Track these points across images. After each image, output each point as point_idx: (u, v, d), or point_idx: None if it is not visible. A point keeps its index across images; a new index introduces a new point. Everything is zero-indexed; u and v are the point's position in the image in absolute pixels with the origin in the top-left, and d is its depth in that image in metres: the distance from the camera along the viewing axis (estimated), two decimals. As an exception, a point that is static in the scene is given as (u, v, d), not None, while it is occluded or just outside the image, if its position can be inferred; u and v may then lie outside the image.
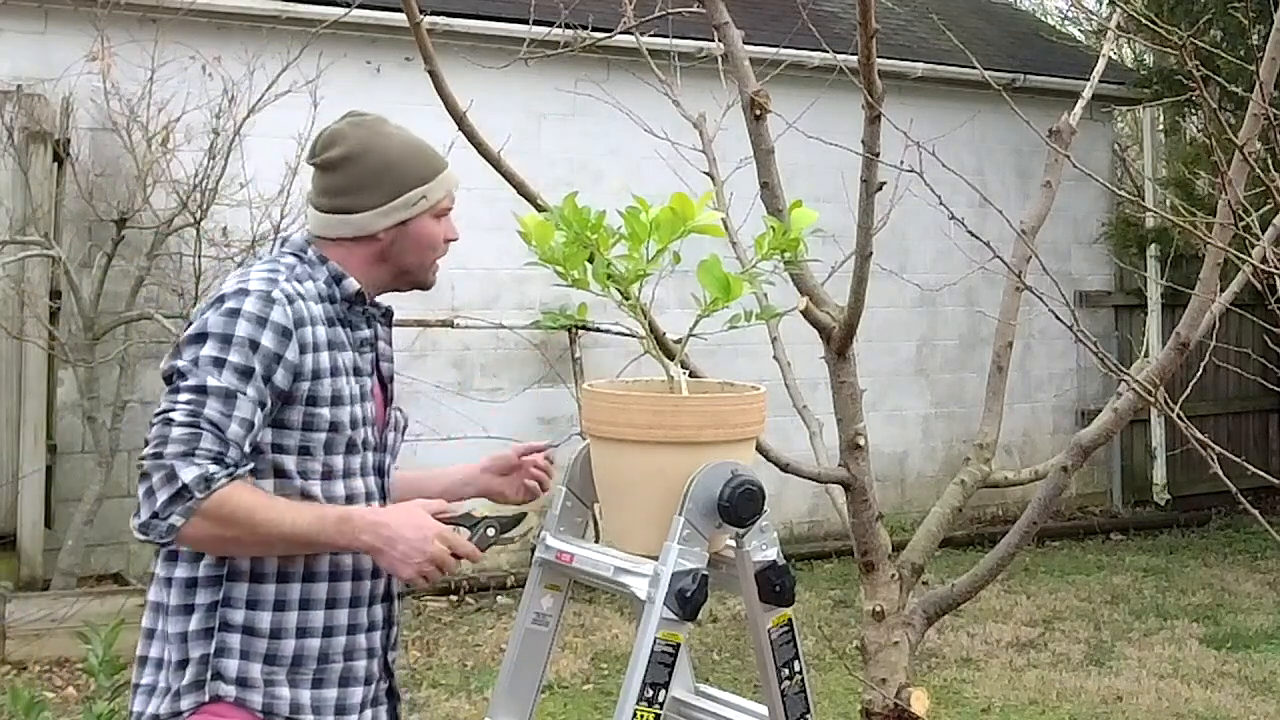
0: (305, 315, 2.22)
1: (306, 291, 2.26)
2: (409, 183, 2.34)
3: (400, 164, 2.34)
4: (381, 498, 2.34)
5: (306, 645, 2.22)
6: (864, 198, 3.24)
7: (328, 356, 2.24)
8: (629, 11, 4.46)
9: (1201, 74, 2.39)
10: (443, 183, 2.40)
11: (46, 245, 6.71)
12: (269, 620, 2.20)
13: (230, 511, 2.09)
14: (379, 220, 2.33)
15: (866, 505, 3.55)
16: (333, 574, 2.25)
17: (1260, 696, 6.02)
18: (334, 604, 2.25)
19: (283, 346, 2.18)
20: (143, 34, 6.98)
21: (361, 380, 2.32)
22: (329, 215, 2.33)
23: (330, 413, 2.23)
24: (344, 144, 2.32)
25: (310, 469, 2.22)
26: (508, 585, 7.77)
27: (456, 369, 8.21)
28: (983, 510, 9.80)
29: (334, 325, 2.29)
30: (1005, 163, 10.03)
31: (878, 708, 3.51)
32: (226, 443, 2.11)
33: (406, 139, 2.38)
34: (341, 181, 2.31)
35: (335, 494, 2.25)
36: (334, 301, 2.31)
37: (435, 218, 2.39)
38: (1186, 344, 3.04)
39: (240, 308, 2.17)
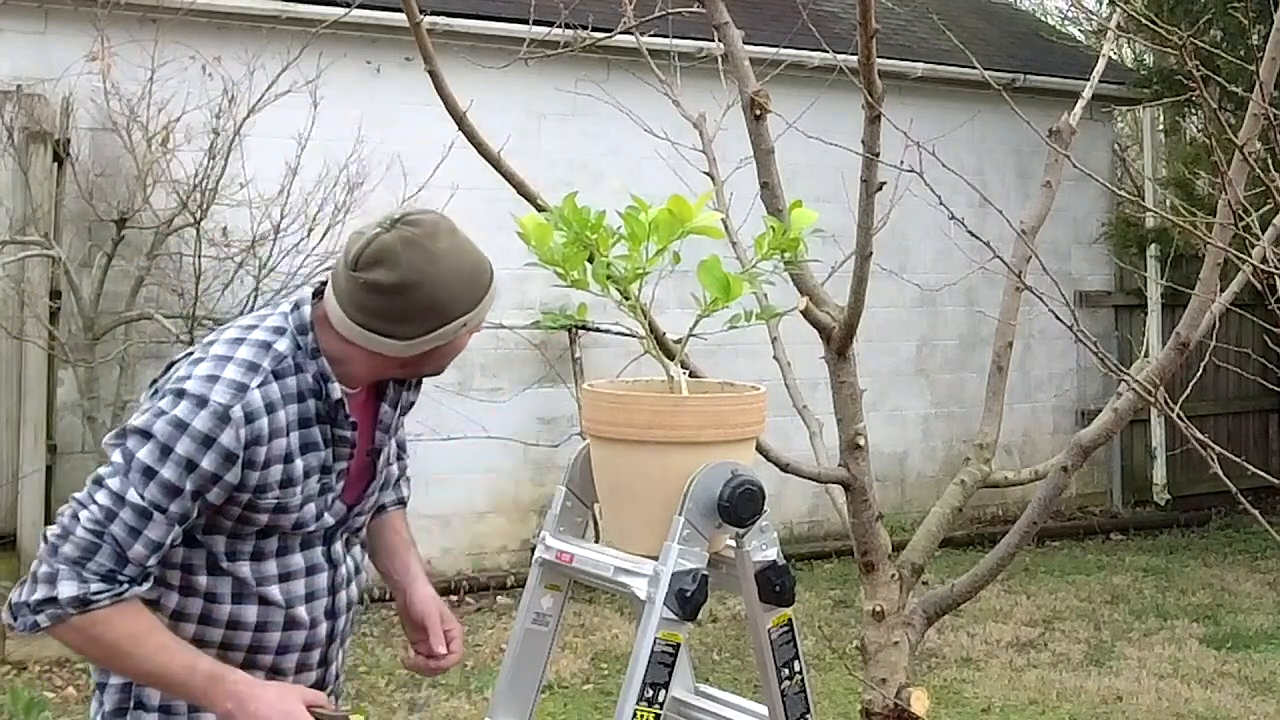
0: (264, 432, 2.09)
1: (285, 391, 2.12)
2: (454, 314, 2.16)
3: (450, 299, 2.14)
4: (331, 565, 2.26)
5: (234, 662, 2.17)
6: (864, 198, 3.24)
7: (281, 470, 2.12)
8: (629, 11, 4.46)
9: (1201, 74, 2.39)
10: (485, 307, 2.21)
11: (46, 245, 6.71)
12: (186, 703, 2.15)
13: (99, 635, 2.03)
14: (407, 349, 2.17)
15: (866, 505, 3.55)
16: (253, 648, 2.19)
17: (1260, 696, 6.02)
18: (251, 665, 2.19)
19: (224, 469, 2.06)
20: (143, 34, 6.98)
21: (326, 479, 2.20)
22: (359, 329, 2.14)
23: (269, 518, 2.14)
24: (395, 269, 2.09)
25: (239, 550, 2.15)
26: (508, 585, 7.77)
27: (456, 369, 8.15)
28: (983, 510, 9.80)
29: (310, 425, 2.15)
30: (1005, 163, 10.02)
31: (878, 708, 3.51)
32: (125, 561, 2.02)
33: (459, 263, 2.16)
34: (385, 308, 2.11)
35: (267, 573, 2.17)
36: (319, 398, 2.16)
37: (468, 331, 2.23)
38: (1186, 344, 3.04)
39: (189, 424, 2.04)
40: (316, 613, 2.24)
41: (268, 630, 2.19)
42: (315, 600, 2.24)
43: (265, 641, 2.20)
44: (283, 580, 2.19)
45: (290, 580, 2.20)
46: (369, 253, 2.10)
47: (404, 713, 5.77)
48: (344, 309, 2.14)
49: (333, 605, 2.27)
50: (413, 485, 2.62)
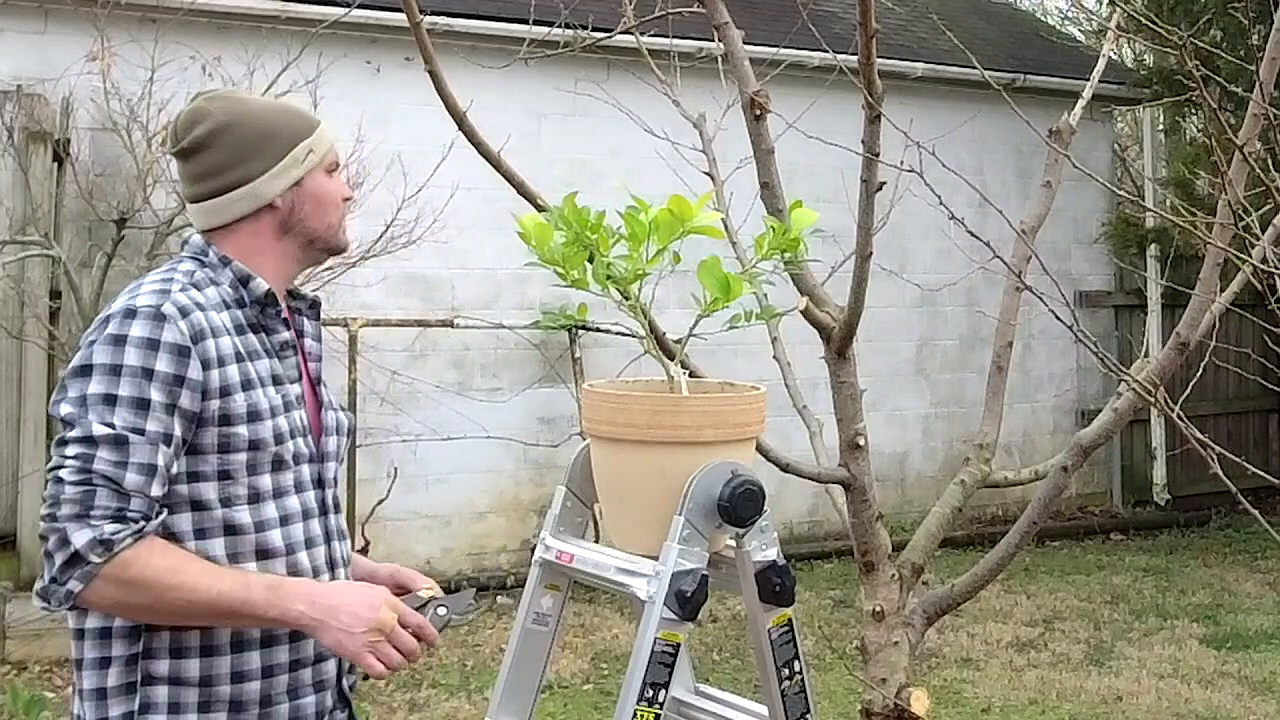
0: (204, 327, 2.02)
1: (207, 299, 2.06)
2: (293, 139, 2.16)
3: (278, 123, 2.17)
4: (322, 512, 2.17)
5: (245, 690, 2.03)
6: (864, 198, 3.24)
7: (236, 370, 2.03)
8: (629, 11, 4.46)
9: (1201, 74, 2.39)
10: (323, 136, 2.22)
11: (46, 245, 6.71)
12: (197, 668, 2.01)
13: (135, 576, 1.90)
14: (273, 184, 2.14)
15: (866, 505, 3.55)
16: None
17: (1260, 696, 6.02)
18: (271, 641, 2.06)
19: (182, 366, 1.97)
20: (143, 34, 6.98)
21: (284, 389, 2.11)
22: (216, 199, 2.13)
23: (248, 430, 2.02)
24: (209, 119, 2.13)
25: (234, 494, 2.02)
26: (508, 585, 7.77)
27: (456, 369, 8.21)
28: (983, 510, 9.80)
29: (245, 332, 2.10)
30: (1005, 163, 10.03)
31: (878, 708, 3.51)
32: (126, 495, 1.91)
33: (270, 102, 2.26)
34: (220, 156, 2.12)
35: (266, 517, 2.05)
36: (243, 305, 2.12)
37: (328, 173, 2.21)
38: (1186, 344, 3.04)
39: (127, 333, 1.96)
40: (318, 561, 2.14)
41: None
42: (314, 548, 2.14)
43: None
44: (283, 524, 2.08)
45: (289, 524, 2.09)
46: (181, 123, 2.16)
47: (404, 713, 5.77)
48: (195, 197, 2.16)
49: (330, 556, 2.17)
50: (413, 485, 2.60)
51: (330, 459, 2.22)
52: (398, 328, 7.87)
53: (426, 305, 8.08)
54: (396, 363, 7.88)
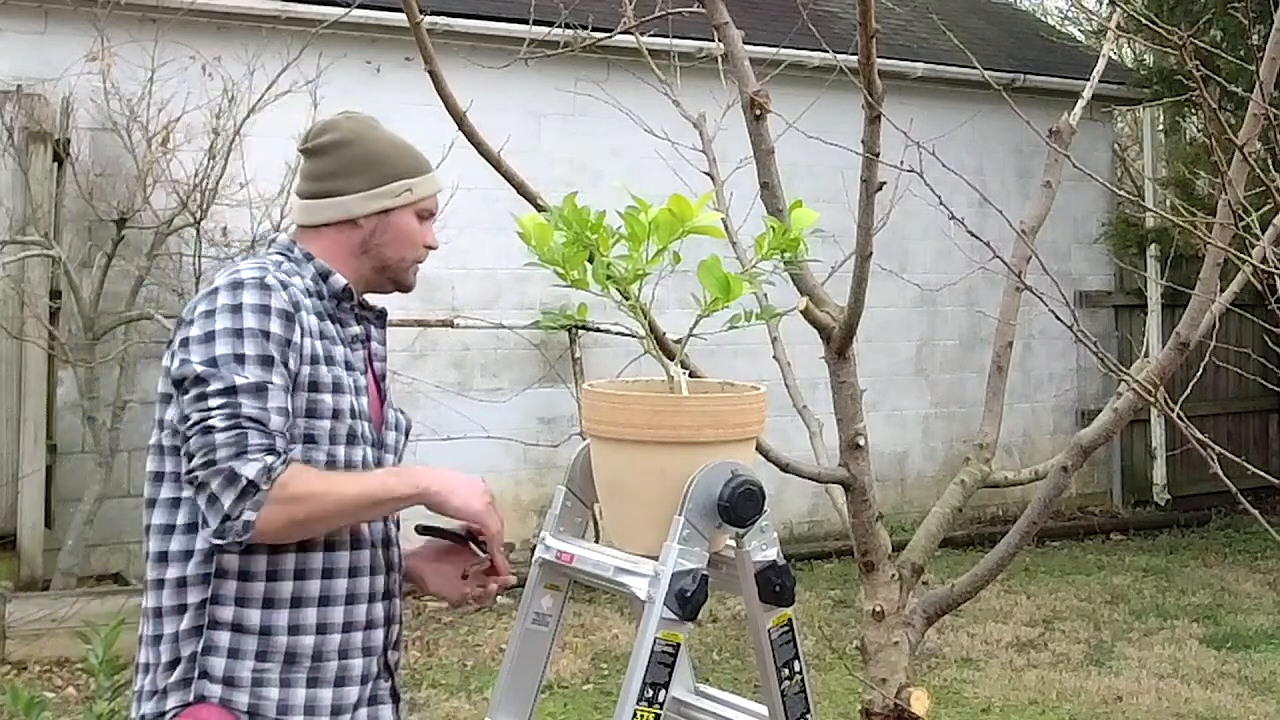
0: (298, 299, 2.23)
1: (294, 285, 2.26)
2: (396, 173, 2.35)
3: (389, 155, 2.36)
4: None
5: (300, 643, 2.19)
6: (864, 198, 3.24)
7: (321, 345, 2.24)
8: (629, 11, 4.46)
9: (1201, 74, 2.39)
10: (428, 182, 2.40)
11: (46, 245, 6.71)
12: (258, 617, 2.16)
13: (294, 492, 2.09)
14: (362, 205, 2.33)
15: (866, 505, 3.54)
16: (326, 571, 2.22)
17: (1260, 696, 6.02)
18: (327, 601, 2.22)
19: (289, 330, 2.18)
20: (143, 34, 6.98)
21: (354, 375, 2.29)
22: (313, 200, 2.35)
23: (332, 399, 2.22)
24: (336, 131, 2.36)
25: (315, 459, 2.19)
26: (508, 585, 7.76)
27: (456, 369, 8.21)
28: (983, 510, 9.80)
29: (323, 320, 2.28)
30: (1005, 163, 10.03)
31: (878, 708, 3.51)
32: (271, 435, 2.10)
33: (397, 137, 2.41)
34: (330, 165, 2.34)
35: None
36: (321, 298, 2.30)
37: (417, 216, 2.39)
38: (1186, 344, 3.04)
39: (241, 301, 2.16)
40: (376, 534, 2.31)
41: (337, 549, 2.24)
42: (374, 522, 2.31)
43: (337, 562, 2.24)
44: None
45: None
46: (315, 128, 2.41)
47: (404, 712, 5.76)
48: (300, 193, 2.38)
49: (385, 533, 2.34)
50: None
51: (389, 451, 2.38)
52: (397, 328, 7.85)
53: (426, 305, 8.08)
54: (396, 363, 7.82)
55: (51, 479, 7.03)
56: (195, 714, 2.14)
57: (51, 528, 6.94)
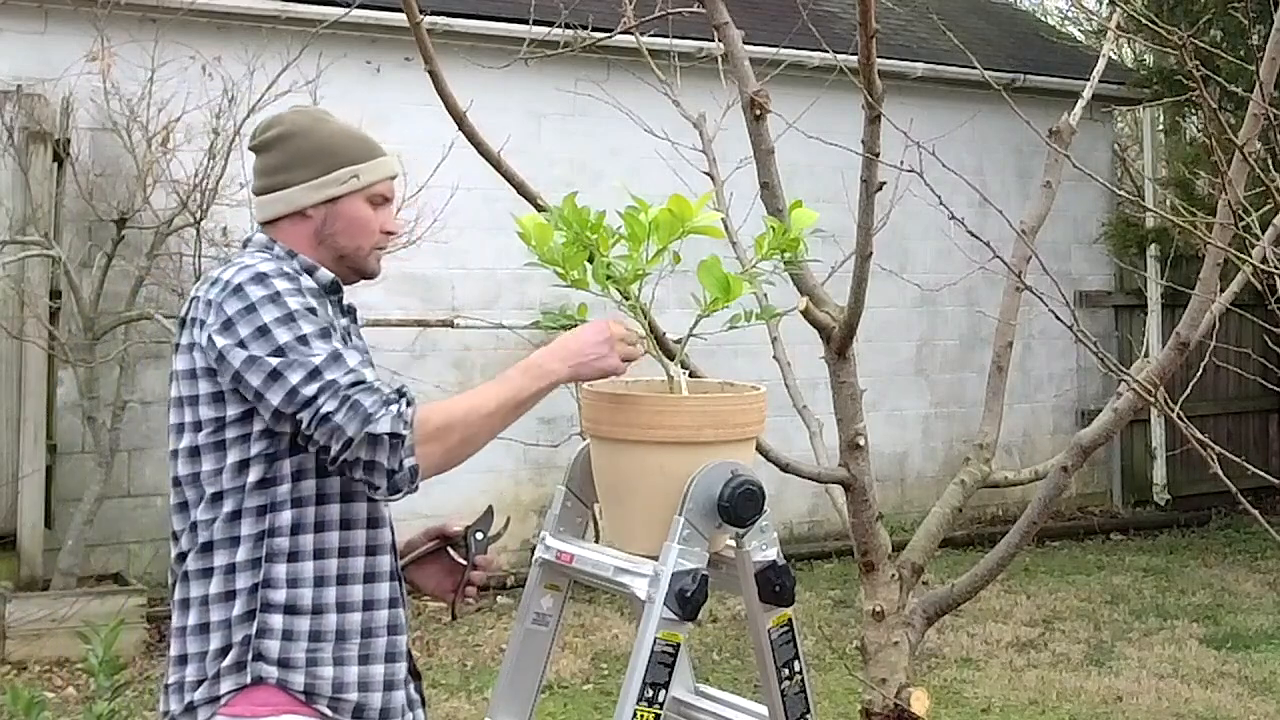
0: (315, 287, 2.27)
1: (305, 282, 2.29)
2: (341, 161, 2.35)
3: (334, 143, 2.36)
4: None
5: (349, 620, 2.21)
6: (864, 198, 3.24)
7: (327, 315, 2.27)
8: (629, 11, 4.46)
9: (1201, 74, 2.39)
10: (377, 167, 2.40)
11: (46, 245, 6.71)
12: (310, 597, 2.18)
13: (438, 425, 2.14)
14: (308, 195, 2.32)
15: (866, 505, 3.55)
16: (370, 548, 2.25)
17: (1260, 696, 6.02)
18: (372, 578, 2.24)
19: (324, 306, 2.24)
20: (143, 34, 6.98)
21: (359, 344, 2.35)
22: (264, 196, 2.35)
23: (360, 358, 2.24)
24: (281, 125, 2.36)
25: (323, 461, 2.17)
26: (508, 585, 7.76)
27: (456, 369, 8.21)
28: (983, 510, 9.80)
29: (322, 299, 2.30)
30: (1005, 163, 10.03)
31: (878, 708, 3.51)
32: (374, 388, 2.11)
33: (346, 127, 2.42)
34: (276, 159, 2.34)
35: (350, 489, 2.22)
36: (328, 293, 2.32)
37: (369, 202, 2.38)
38: (1186, 344, 3.04)
39: (277, 290, 2.17)
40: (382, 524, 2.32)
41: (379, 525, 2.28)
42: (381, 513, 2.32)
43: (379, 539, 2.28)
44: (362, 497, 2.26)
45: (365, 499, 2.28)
46: (261, 126, 2.40)
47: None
48: (255, 190, 2.38)
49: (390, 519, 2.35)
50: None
51: None
52: (397, 328, 7.87)
53: (426, 305, 8.07)
54: (396, 363, 7.87)
55: (51, 479, 7.03)
56: (252, 696, 2.15)
57: (51, 528, 6.94)
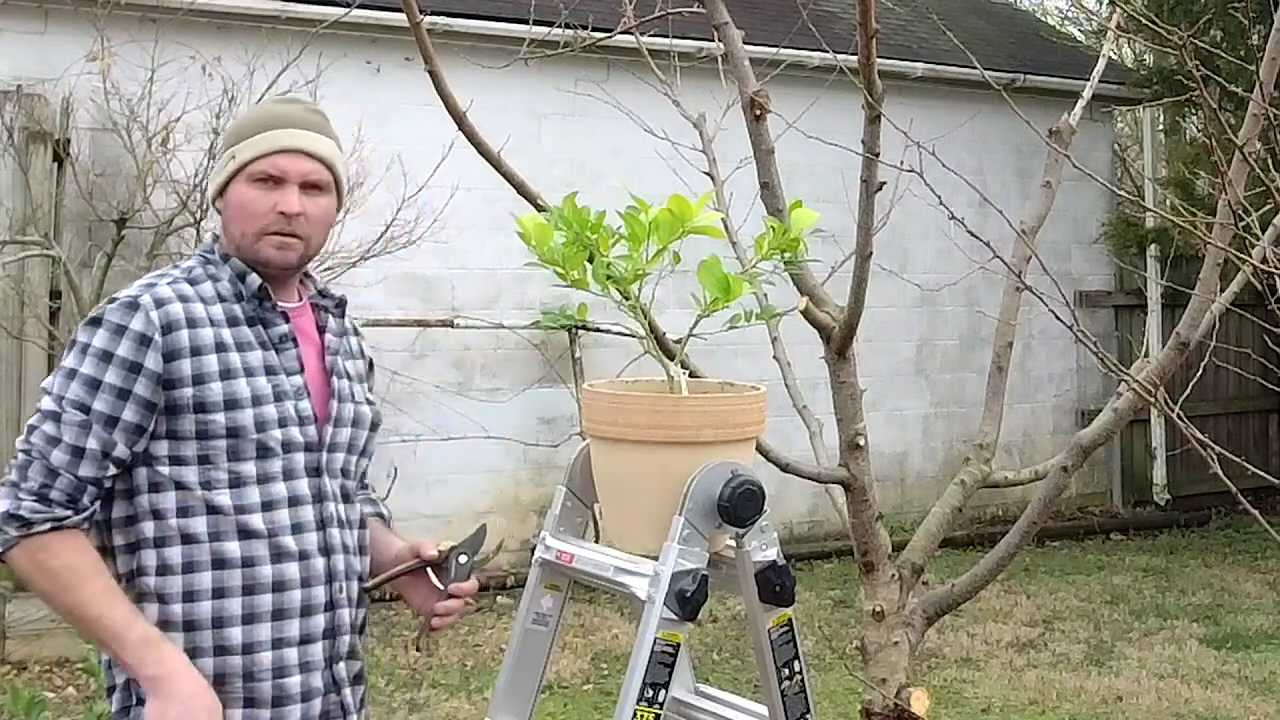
0: (180, 318, 2.12)
1: (202, 293, 2.18)
2: (227, 143, 2.25)
3: (234, 128, 2.27)
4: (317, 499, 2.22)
5: (228, 663, 2.12)
6: (864, 198, 3.24)
7: (216, 360, 2.13)
8: (629, 11, 4.46)
9: (1201, 74, 2.39)
10: (255, 143, 2.22)
11: (46, 245, 6.71)
12: (181, 641, 2.10)
13: (43, 562, 2.04)
14: (211, 186, 2.27)
15: (866, 505, 3.55)
16: (247, 588, 2.13)
17: (1260, 696, 6.02)
18: (252, 619, 2.13)
19: (141, 355, 2.08)
20: (143, 34, 6.98)
21: (277, 380, 2.19)
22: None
23: (225, 417, 2.12)
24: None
25: (214, 478, 2.12)
26: (508, 585, 7.77)
27: (456, 369, 8.21)
28: (983, 510, 9.80)
29: (239, 325, 2.19)
30: (1005, 163, 10.03)
31: (878, 708, 3.51)
32: (53, 473, 2.04)
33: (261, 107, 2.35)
34: None
35: (249, 501, 2.13)
36: (242, 299, 2.21)
37: (251, 181, 2.22)
38: (1186, 344, 3.04)
39: (102, 316, 2.11)
40: (307, 545, 2.19)
41: (255, 565, 2.14)
42: (304, 533, 2.19)
43: (258, 577, 2.14)
44: (265, 509, 2.15)
45: (273, 509, 2.16)
46: None
47: (404, 713, 5.77)
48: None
49: (324, 541, 2.22)
50: (413, 485, 2.62)
51: (339, 449, 2.28)
52: (398, 328, 7.87)
53: (426, 305, 8.07)
54: (396, 363, 7.88)
55: (51, 479, 7.02)
56: None
57: (51, 528, 6.94)
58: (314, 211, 2.25)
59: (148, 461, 2.12)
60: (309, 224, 2.24)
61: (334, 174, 2.29)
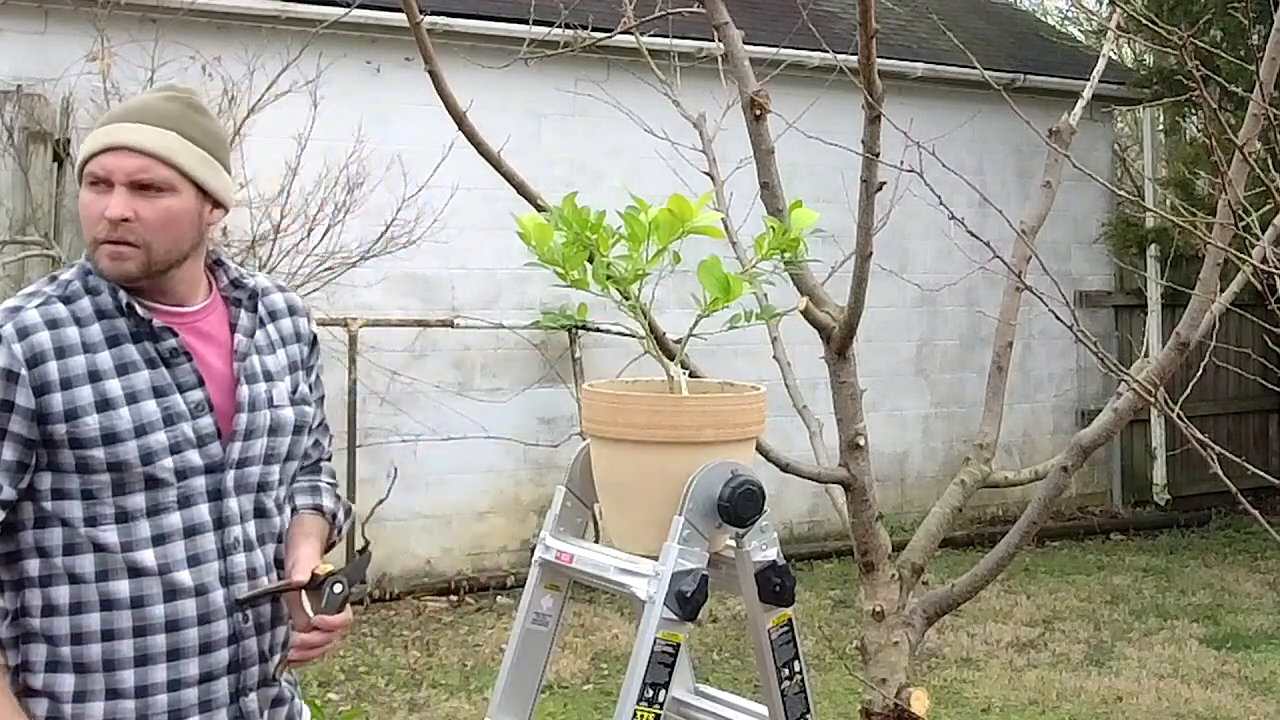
0: (47, 348, 1.96)
1: (78, 312, 2.01)
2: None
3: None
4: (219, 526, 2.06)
5: (119, 707, 2.00)
6: (864, 198, 3.24)
7: (90, 391, 1.97)
8: (629, 11, 4.46)
9: (1201, 74, 2.39)
10: (89, 142, 2.04)
11: (46, 245, 6.71)
12: (71, 683, 1.99)
13: None
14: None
15: (866, 505, 3.55)
16: (138, 629, 2.00)
17: (1260, 696, 6.02)
18: (145, 660, 2.00)
19: (10, 393, 1.94)
20: (143, 34, 6.98)
21: (169, 400, 2.02)
22: None
23: (104, 452, 1.96)
24: None
25: (100, 514, 1.98)
26: (508, 585, 7.77)
27: (456, 369, 8.21)
28: (983, 510, 9.80)
29: (122, 343, 2.02)
30: (1005, 163, 10.03)
31: (878, 708, 3.51)
32: None
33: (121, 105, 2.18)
34: None
35: (138, 536, 1.99)
36: (123, 314, 2.03)
37: (87, 186, 2.03)
38: (1186, 344, 3.04)
39: None
40: (205, 578, 2.04)
41: (146, 605, 2.00)
42: (201, 564, 2.04)
43: (149, 618, 2.00)
44: (157, 543, 2.00)
45: (166, 543, 2.01)
46: None
47: (404, 713, 5.77)
48: None
49: (226, 570, 2.06)
50: (413, 485, 2.58)
51: (252, 463, 2.12)
52: (398, 328, 7.87)
53: (426, 305, 8.07)
54: (396, 363, 7.88)
55: (51, 479, 7.03)
56: None
57: (51, 528, 6.94)
58: (148, 214, 2.01)
59: (31, 496, 1.98)
60: (144, 229, 2.01)
61: (178, 169, 2.04)
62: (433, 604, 7.54)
